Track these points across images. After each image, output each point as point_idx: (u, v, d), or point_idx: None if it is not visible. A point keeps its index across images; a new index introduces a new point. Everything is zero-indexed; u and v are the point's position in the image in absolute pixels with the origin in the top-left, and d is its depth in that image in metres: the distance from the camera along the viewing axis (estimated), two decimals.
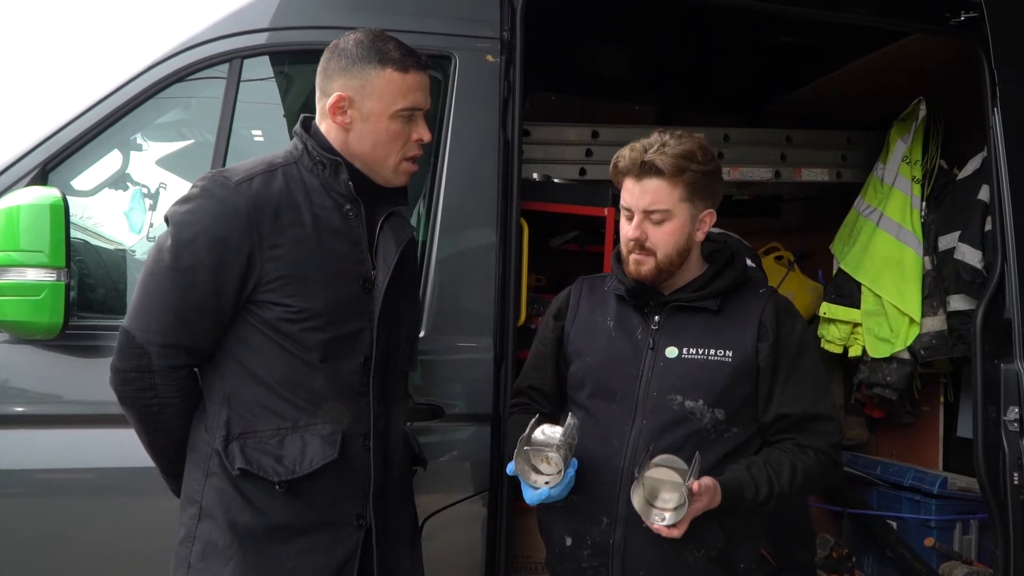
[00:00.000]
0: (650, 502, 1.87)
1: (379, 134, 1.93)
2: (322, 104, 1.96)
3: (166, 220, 1.87)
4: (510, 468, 1.97)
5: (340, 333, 1.89)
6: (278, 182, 1.88)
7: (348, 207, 1.93)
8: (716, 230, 3.64)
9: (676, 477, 1.84)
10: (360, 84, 1.91)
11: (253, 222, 1.82)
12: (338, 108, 1.92)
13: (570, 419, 2.00)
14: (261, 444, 1.84)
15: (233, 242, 1.81)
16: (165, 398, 1.87)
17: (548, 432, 1.97)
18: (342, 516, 1.91)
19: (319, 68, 1.97)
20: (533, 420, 1.98)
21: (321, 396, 1.88)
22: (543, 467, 1.98)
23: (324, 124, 1.97)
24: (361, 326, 1.92)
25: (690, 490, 1.82)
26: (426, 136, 1.99)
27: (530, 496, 1.97)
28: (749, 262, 3.61)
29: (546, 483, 1.95)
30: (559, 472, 1.95)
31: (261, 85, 2.71)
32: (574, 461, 1.98)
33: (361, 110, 1.92)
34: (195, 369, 1.93)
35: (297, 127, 2.00)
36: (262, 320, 1.85)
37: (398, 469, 2.06)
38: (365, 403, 1.93)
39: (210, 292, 1.82)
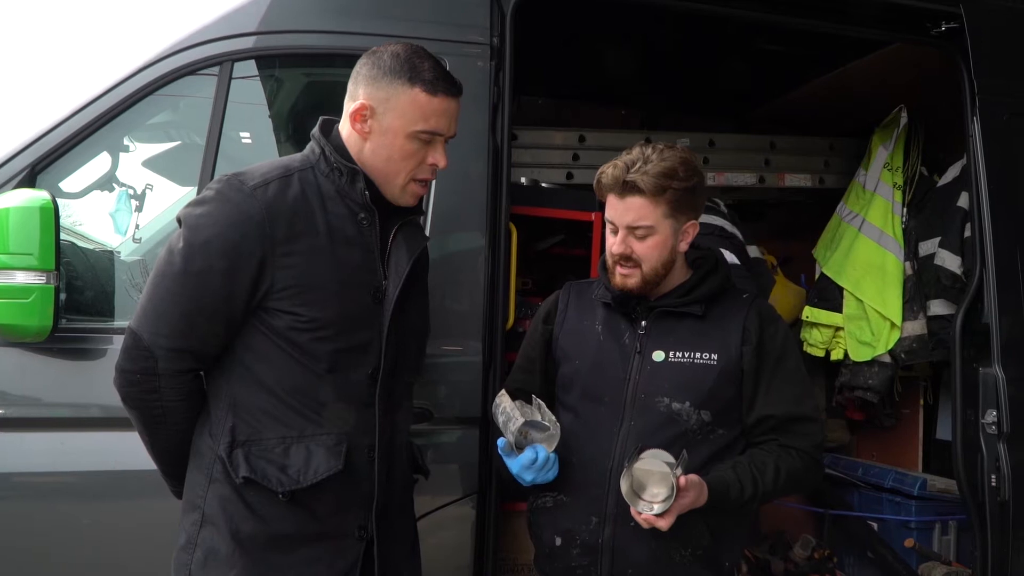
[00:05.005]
0: (638, 494, 1.90)
1: (393, 151, 1.90)
2: (348, 108, 1.93)
3: (179, 221, 1.84)
4: (502, 443, 2.02)
5: (349, 344, 1.87)
6: (294, 188, 1.85)
7: (363, 216, 1.91)
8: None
9: (664, 469, 1.87)
10: (385, 97, 1.87)
11: (267, 229, 1.79)
12: (360, 116, 1.89)
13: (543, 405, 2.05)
14: (266, 452, 1.83)
15: (246, 248, 1.79)
16: (169, 401, 1.85)
17: (525, 411, 2.03)
18: (344, 527, 1.90)
19: (353, 71, 1.94)
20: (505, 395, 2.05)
21: (327, 406, 1.86)
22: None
23: (346, 128, 1.94)
24: (371, 337, 1.90)
25: (677, 482, 1.85)
26: (441, 163, 1.95)
27: (516, 465, 2.02)
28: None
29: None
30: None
31: (251, 88, 2.71)
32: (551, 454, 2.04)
33: (381, 123, 1.88)
34: (201, 373, 1.91)
35: (315, 130, 1.96)
36: (271, 328, 1.83)
37: (401, 479, 2.05)
38: (371, 414, 1.91)
39: (220, 297, 1.80)
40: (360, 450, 1.90)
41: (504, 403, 2.05)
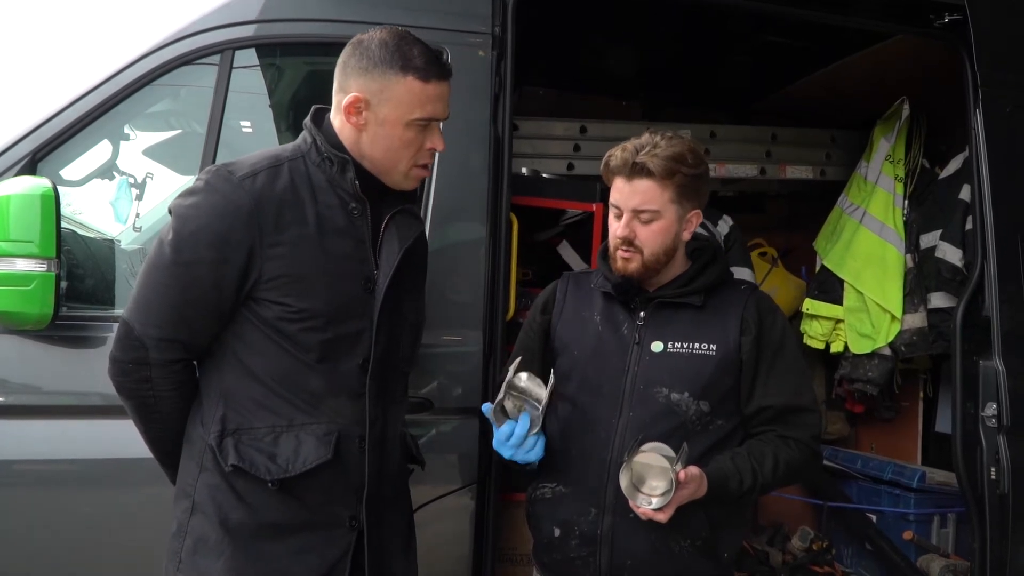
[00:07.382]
0: (637, 487, 1.90)
1: (392, 140, 1.89)
2: (338, 99, 1.91)
3: (170, 212, 1.84)
4: (486, 408, 2.01)
5: (339, 334, 1.87)
6: (283, 179, 1.84)
7: (353, 205, 1.90)
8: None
9: (664, 463, 1.87)
10: (379, 88, 1.86)
11: (255, 220, 1.79)
12: (354, 109, 1.87)
13: (551, 382, 2.02)
14: (255, 441, 1.83)
15: (234, 239, 1.78)
16: (161, 390, 1.86)
17: (530, 384, 2.01)
18: (335, 517, 1.89)
19: (339, 62, 1.92)
20: (517, 362, 2.03)
21: (318, 396, 1.86)
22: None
23: (338, 120, 1.92)
24: (361, 327, 1.89)
25: (677, 477, 1.85)
26: (439, 146, 1.95)
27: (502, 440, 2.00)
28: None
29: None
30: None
31: (252, 77, 2.71)
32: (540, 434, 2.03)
33: (377, 114, 1.87)
34: (194, 362, 1.91)
35: (307, 119, 1.96)
36: (261, 318, 1.83)
37: (394, 470, 2.04)
38: (362, 404, 1.91)
39: (209, 288, 1.80)
40: (350, 440, 1.89)
41: (510, 369, 2.03)
